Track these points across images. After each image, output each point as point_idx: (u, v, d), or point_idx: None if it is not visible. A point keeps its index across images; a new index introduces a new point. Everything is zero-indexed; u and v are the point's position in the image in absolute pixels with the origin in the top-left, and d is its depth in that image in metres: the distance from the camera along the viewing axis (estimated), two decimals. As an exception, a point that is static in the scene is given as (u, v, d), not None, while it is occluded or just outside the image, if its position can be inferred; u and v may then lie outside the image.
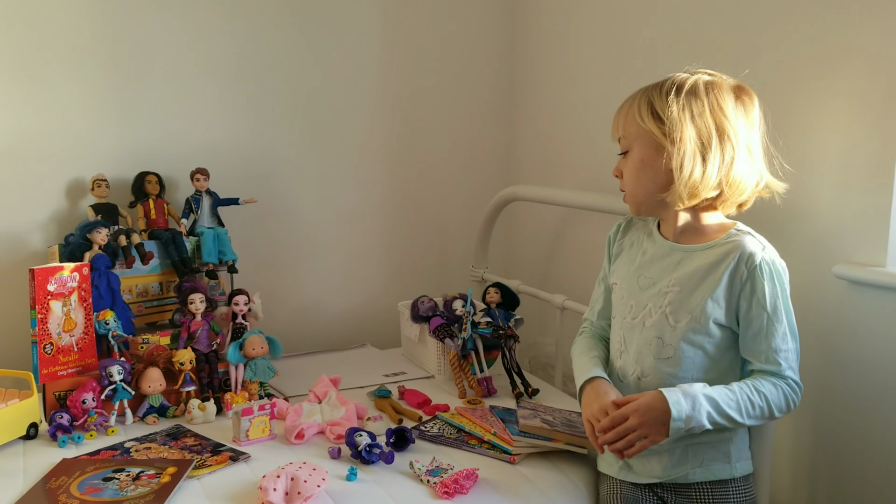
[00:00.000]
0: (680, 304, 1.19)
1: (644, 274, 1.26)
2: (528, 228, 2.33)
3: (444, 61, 2.23)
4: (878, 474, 1.35)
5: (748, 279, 1.15)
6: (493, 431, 1.42)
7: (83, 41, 1.79)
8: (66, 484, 1.23)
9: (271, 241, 2.08)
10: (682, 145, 1.14)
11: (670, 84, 1.17)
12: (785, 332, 1.16)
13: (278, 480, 1.17)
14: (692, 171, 1.14)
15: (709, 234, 1.21)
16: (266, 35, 1.99)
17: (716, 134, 1.15)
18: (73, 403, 1.47)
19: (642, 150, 1.19)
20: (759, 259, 1.15)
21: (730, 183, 1.16)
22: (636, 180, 1.21)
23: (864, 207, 1.34)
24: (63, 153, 1.81)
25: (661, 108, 1.16)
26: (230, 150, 1.98)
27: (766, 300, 1.14)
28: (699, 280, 1.18)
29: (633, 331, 1.25)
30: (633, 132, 1.20)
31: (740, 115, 1.18)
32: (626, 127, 1.21)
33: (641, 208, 1.25)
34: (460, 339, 1.72)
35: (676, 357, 1.19)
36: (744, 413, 1.12)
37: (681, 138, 1.14)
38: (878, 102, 1.31)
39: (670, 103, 1.15)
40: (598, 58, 1.96)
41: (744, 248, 1.16)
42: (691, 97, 1.16)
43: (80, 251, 1.66)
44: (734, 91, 1.19)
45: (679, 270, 1.21)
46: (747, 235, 1.19)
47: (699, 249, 1.20)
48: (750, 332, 1.16)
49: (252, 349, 1.63)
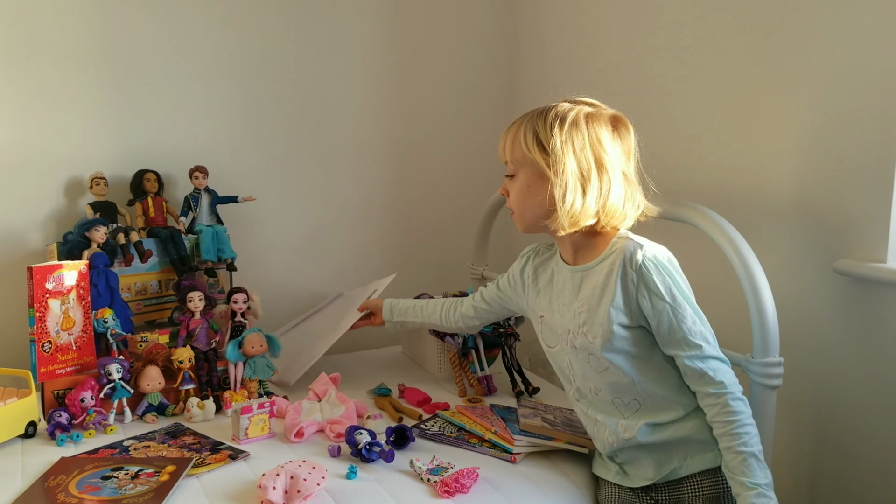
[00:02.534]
0: (591, 321, 1.23)
1: (560, 301, 1.31)
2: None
3: (444, 59, 2.23)
4: (880, 468, 1.35)
5: (639, 280, 1.18)
6: (493, 430, 1.42)
7: (82, 39, 1.79)
8: (64, 482, 1.23)
9: (270, 239, 2.07)
10: (564, 177, 1.19)
11: (554, 116, 1.22)
12: (693, 316, 1.18)
13: (278, 479, 1.17)
14: (573, 202, 1.19)
15: (599, 249, 1.26)
16: (265, 33, 1.98)
17: (595, 166, 1.20)
18: (72, 402, 1.46)
19: (528, 177, 1.25)
20: (640, 258, 1.18)
21: (606, 211, 1.21)
22: (522, 204, 1.27)
23: (865, 204, 1.34)
24: (62, 151, 1.80)
25: (546, 139, 1.21)
26: (229, 147, 1.98)
27: (661, 292, 1.17)
28: (599, 294, 1.22)
29: (572, 354, 1.29)
30: (519, 158, 1.25)
31: (617, 145, 1.23)
32: (513, 152, 1.26)
33: (529, 229, 1.30)
34: (460, 337, 1.71)
35: (611, 367, 1.23)
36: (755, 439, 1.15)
37: (563, 171, 1.19)
38: (878, 99, 1.30)
39: (554, 136, 1.20)
40: (597, 59, 1.96)
41: (625, 253, 1.20)
42: (573, 130, 1.20)
43: (78, 249, 1.66)
44: (611, 122, 1.24)
45: (583, 290, 1.25)
46: (626, 240, 1.22)
47: (592, 266, 1.25)
48: (662, 327, 1.18)
49: (251, 347, 1.62)
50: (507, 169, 1.30)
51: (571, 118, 1.21)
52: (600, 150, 1.20)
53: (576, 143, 1.20)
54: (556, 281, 1.34)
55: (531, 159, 1.23)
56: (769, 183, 1.51)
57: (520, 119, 1.27)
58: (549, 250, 1.41)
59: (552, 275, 1.35)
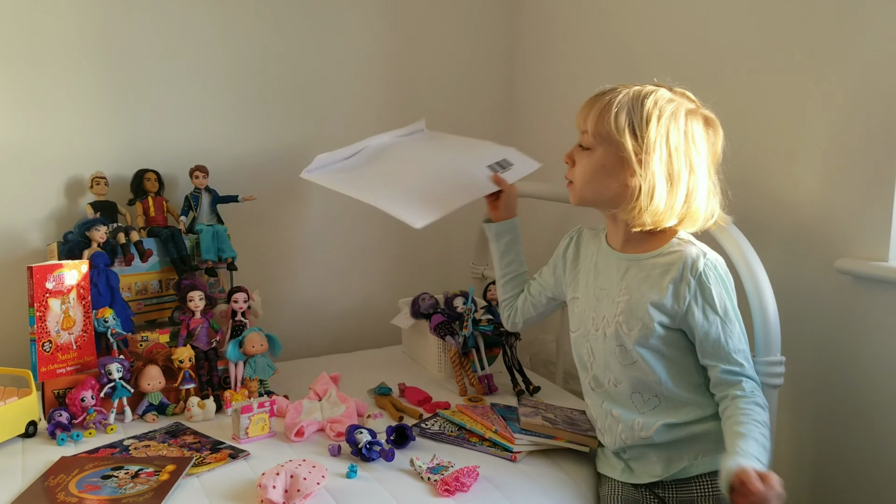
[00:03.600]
0: (630, 312, 1.21)
1: (598, 286, 1.28)
2: (528, 225, 2.31)
3: (444, 57, 2.22)
4: (881, 466, 1.35)
5: (697, 288, 1.16)
6: (494, 429, 1.42)
7: (82, 39, 1.79)
8: (64, 482, 1.22)
9: (271, 238, 2.07)
10: (651, 171, 1.14)
11: (653, 104, 1.15)
12: (739, 333, 1.17)
13: (278, 478, 1.16)
14: (659, 200, 1.15)
15: (650, 241, 1.23)
16: (265, 31, 1.98)
17: (685, 166, 1.16)
18: (72, 401, 1.46)
19: (606, 157, 1.19)
20: (702, 265, 1.16)
21: (689, 214, 1.18)
22: (591, 181, 1.21)
23: (867, 202, 1.33)
24: (62, 151, 1.80)
25: (640, 126, 1.15)
26: (229, 147, 1.97)
27: (716, 304, 1.16)
28: (646, 288, 1.20)
29: (597, 342, 1.27)
30: (604, 135, 1.18)
31: (710, 147, 1.19)
32: (598, 126, 1.18)
33: (584, 203, 1.25)
34: (461, 336, 1.71)
35: (639, 363, 1.21)
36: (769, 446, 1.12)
37: (651, 164, 1.14)
38: (879, 97, 1.30)
39: (650, 126, 1.14)
40: (598, 53, 1.96)
41: (686, 258, 1.17)
42: (672, 124, 1.15)
43: (78, 249, 1.66)
44: (705, 121, 1.20)
45: (627, 279, 1.23)
46: (688, 244, 1.20)
47: (644, 258, 1.22)
48: (708, 339, 1.17)
49: (251, 347, 1.62)
50: (582, 139, 1.23)
51: (671, 110, 1.15)
52: (693, 151, 1.16)
53: (671, 139, 1.14)
54: (598, 263, 1.30)
55: (618, 141, 1.16)
56: (770, 181, 1.51)
57: (610, 92, 1.19)
58: (593, 232, 1.37)
59: (595, 256, 1.32)
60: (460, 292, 1.79)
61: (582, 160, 1.22)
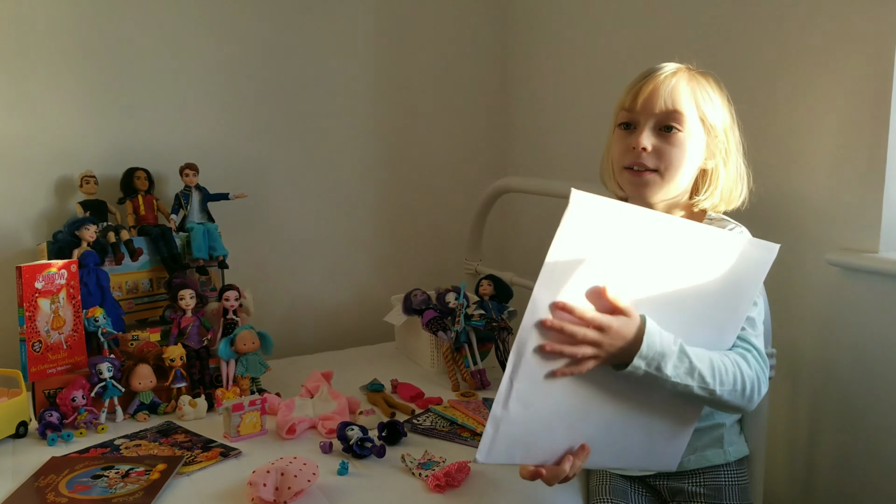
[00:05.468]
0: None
1: None
2: (522, 220, 2.32)
3: (437, 53, 2.22)
4: (874, 457, 1.35)
5: None
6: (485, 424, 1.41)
7: (71, 37, 1.78)
8: (55, 482, 1.22)
9: (262, 236, 2.06)
10: (731, 151, 1.14)
11: (719, 85, 1.15)
12: (760, 313, 1.12)
13: (268, 476, 1.16)
14: (735, 182, 1.15)
15: None
16: (256, 30, 1.97)
17: (739, 145, 1.16)
18: (63, 401, 1.46)
19: (696, 138, 1.11)
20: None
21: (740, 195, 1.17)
22: (681, 165, 1.11)
23: (857, 194, 1.33)
24: (51, 150, 1.79)
25: (717, 107, 1.13)
26: (220, 144, 1.97)
27: None
28: None
29: None
30: (690, 115, 1.10)
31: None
32: (682, 105, 1.10)
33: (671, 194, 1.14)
34: (453, 331, 1.71)
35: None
36: (717, 377, 1.01)
37: (730, 144, 1.13)
38: (869, 90, 1.30)
39: (726, 106, 1.14)
40: (592, 49, 1.95)
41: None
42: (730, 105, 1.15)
43: (68, 248, 1.65)
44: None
45: None
46: (723, 222, 1.17)
47: None
48: None
49: (243, 345, 1.62)
50: (655, 119, 1.10)
51: (724, 89, 1.15)
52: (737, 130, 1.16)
53: (732, 118, 1.15)
54: None
55: (708, 123, 1.11)
56: (761, 174, 1.50)
57: (676, 73, 1.12)
58: None
59: None
60: (452, 288, 1.79)
61: (668, 144, 1.10)
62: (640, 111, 1.11)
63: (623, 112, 1.14)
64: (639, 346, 0.97)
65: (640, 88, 1.12)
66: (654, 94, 1.10)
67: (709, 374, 1.00)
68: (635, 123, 1.12)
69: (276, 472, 1.17)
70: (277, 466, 1.18)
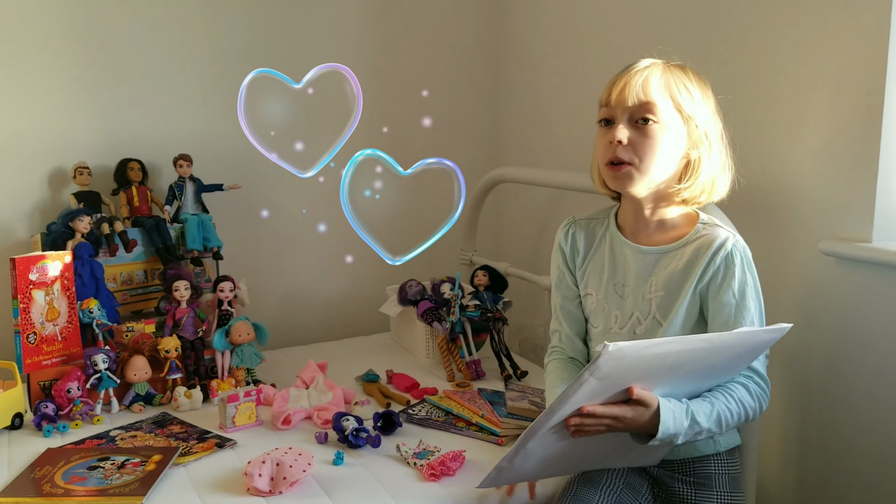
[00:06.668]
0: (668, 307, 1.16)
1: (619, 282, 1.21)
2: (516, 210, 2.32)
3: (431, 44, 2.21)
4: (866, 446, 1.36)
5: (721, 265, 1.12)
6: (480, 414, 1.42)
7: (65, 28, 1.77)
8: (50, 473, 1.22)
9: (257, 227, 2.06)
10: (710, 142, 1.13)
11: (696, 75, 1.15)
12: (752, 321, 1.12)
13: (263, 466, 1.17)
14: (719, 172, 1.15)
15: (673, 229, 1.18)
16: (249, 20, 1.96)
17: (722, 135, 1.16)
18: (58, 393, 1.46)
19: (673, 128, 1.11)
20: (730, 246, 1.12)
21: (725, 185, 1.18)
22: (656, 157, 1.11)
23: (850, 183, 1.34)
24: (44, 142, 1.79)
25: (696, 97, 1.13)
26: (213, 135, 1.96)
27: (735, 286, 1.11)
28: (681, 280, 1.15)
29: (622, 339, 1.18)
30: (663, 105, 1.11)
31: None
32: (654, 95, 1.10)
33: (649, 187, 1.14)
34: (448, 322, 1.71)
35: None
36: (723, 426, 1.06)
37: (710, 133, 1.13)
38: (862, 80, 1.30)
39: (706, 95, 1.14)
40: (585, 40, 1.95)
41: (716, 241, 1.13)
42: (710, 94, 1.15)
43: (62, 240, 1.65)
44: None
45: (657, 274, 1.17)
46: (716, 227, 1.16)
47: (672, 249, 1.17)
48: (719, 320, 1.12)
49: (238, 336, 1.62)
50: (629, 113, 1.11)
51: (705, 81, 1.15)
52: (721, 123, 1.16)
53: (713, 108, 1.15)
54: (615, 259, 1.22)
55: (686, 113, 1.11)
56: (754, 164, 1.51)
57: (649, 66, 1.12)
58: (590, 221, 1.29)
59: (610, 250, 1.23)
60: (447, 278, 1.79)
61: (643, 136, 1.11)
62: (615, 105, 1.12)
63: (602, 109, 1.16)
64: (654, 429, 1.01)
65: (614, 83, 1.14)
66: (627, 88, 1.11)
67: (716, 427, 1.06)
68: (613, 118, 1.13)
69: (272, 463, 1.18)
70: (273, 457, 1.19)
